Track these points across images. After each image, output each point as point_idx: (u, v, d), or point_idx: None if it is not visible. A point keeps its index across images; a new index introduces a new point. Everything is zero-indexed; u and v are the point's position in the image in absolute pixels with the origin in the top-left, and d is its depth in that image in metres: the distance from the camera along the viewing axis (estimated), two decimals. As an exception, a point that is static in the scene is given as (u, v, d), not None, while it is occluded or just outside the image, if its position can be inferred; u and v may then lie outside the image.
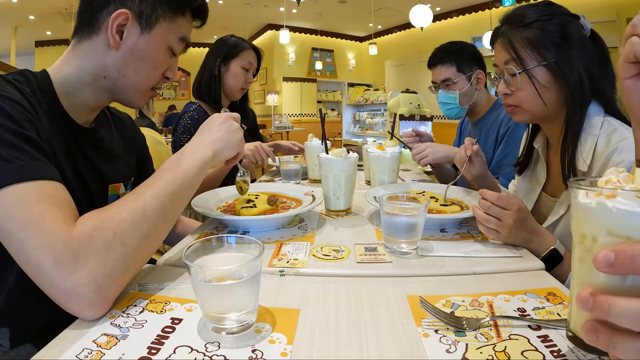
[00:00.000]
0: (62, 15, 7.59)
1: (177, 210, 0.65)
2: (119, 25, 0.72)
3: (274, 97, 8.96)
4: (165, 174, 0.65)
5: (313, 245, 0.78)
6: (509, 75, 0.92)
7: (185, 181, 0.66)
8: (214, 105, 1.70)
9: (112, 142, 0.90)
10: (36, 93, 0.69)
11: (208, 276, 0.47)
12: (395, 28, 9.12)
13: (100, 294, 0.51)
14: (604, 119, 0.84)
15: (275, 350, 0.45)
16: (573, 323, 0.39)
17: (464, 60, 1.65)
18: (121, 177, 0.90)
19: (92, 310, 0.51)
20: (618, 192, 0.33)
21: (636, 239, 0.32)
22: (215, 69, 1.67)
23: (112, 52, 0.73)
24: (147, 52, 0.75)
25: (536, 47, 0.87)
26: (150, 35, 0.74)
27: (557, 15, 0.88)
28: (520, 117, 0.95)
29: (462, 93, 1.65)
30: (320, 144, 1.35)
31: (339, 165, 0.96)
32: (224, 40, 1.72)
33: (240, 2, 7.50)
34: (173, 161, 0.69)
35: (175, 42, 0.78)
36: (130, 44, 0.73)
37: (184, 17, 0.78)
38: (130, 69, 0.75)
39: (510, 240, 0.75)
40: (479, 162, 1.08)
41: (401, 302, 0.55)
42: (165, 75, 0.82)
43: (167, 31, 0.76)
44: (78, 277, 0.50)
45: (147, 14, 0.73)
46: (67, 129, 0.75)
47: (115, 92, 0.79)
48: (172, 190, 0.63)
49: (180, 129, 1.62)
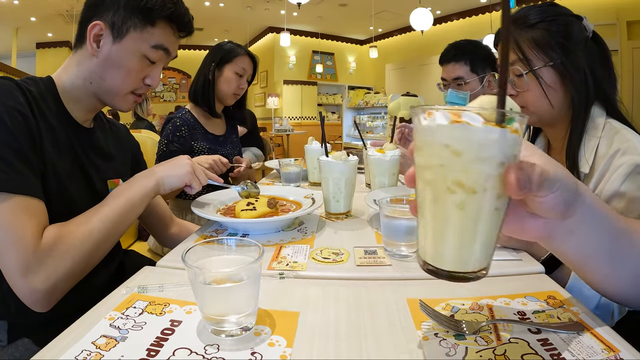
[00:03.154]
0: (63, 17, 7.61)
1: (119, 232, 0.78)
2: (95, 35, 0.80)
3: (275, 100, 8.97)
4: (111, 201, 0.77)
5: (313, 248, 0.78)
6: (515, 76, 0.91)
7: (127, 207, 0.77)
8: (207, 109, 1.69)
9: (107, 143, 0.96)
10: (43, 94, 0.78)
11: (208, 278, 0.47)
12: (396, 31, 9.14)
13: (49, 295, 0.65)
14: (606, 120, 0.84)
15: (274, 353, 0.44)
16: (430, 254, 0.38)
17: (478, 61, 1.59)
18: (118, 173, 0.96)
19: (42, 308, 0.66)
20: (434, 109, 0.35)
21: None
22: (209, 73, 1.67)
23: (94, 60, 0.82)
24: (120, 59, 0.82)
25: (542, 48, 0.87)
26: (121, 44, 0.81)
27: (561, 15, 0.88)
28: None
29: (473, 94, 1.58)
30: (320, 147, 1.35)
31: (339, 168, 0.96)
32: (220, 45, 1.72)
33: (241, 5, 7.52)
34: (121, 188, 0.81)
35: (148, 50, 0.83)
36: (105, 52, 0.81)
37: (154, 27, 0.83)
38: (108, 74, 0.83)
39: (510, 244, 0.75)
40: None
41: (401, 305, 0.55)
42: (145, 82, 0.87)
43: (138, 40, 0.82)
44: (37, 280, 0.63)
45: (118, 25, 0.80)
46: (70, 127, 0.83)
47: (101, 96, 0.86)
48: (115, 215, 0.75)
49: (163, 134, 1.63)
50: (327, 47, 9.82)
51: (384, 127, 5.98)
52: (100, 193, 0.87)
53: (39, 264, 0.64)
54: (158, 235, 1.14)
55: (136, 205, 0.79)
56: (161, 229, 1.13)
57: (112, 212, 0.75)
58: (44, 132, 0.73)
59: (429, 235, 0.38)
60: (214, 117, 1.74)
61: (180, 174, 0.85)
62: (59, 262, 0.66)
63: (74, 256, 0.67)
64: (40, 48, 9.37)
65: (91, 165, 0.87)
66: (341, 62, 10.15)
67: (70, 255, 0.67)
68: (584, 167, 0.83)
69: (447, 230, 0.36)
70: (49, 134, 0.75)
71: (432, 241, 0.38)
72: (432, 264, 0.38)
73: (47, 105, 0.78)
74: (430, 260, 0.38)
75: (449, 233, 0.36)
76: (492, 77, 1.61)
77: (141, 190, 0.80)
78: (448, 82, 1.66)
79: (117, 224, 0.75)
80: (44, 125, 0.74)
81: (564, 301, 0.56)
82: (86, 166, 0.86)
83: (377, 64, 9.32)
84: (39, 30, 8.43)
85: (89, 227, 0.71)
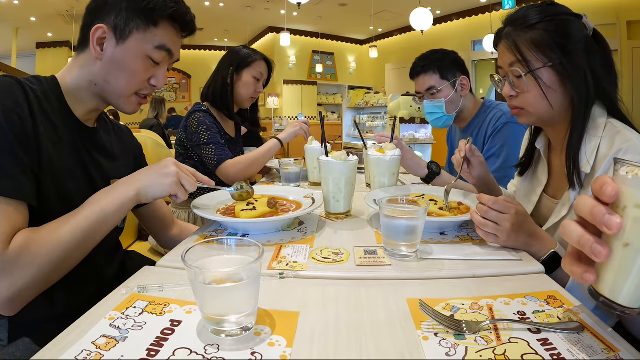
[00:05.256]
0: (63, 17, 7.62)
1: (92, 241, 0.73)
2: (99, 38, 0.80)
3: (275, 100, 8.97)
4: (86, 209, 0.72)
5: (313, 248, 0.78)
6: (514, 77, 0.91)
7: (101, 217, 0.72)
8: (226, 112, 1.74)
9: (111, 144, 0.96)
10: (47, 93, 0.78)
11: (208, 278, 0.47)
12: (396, 31, 9.15)
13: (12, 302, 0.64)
14: (607, 120, 0.84)
15: (274, 352, 0.45)
16: None
17: (446, 68, 1.63)
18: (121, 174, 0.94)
19: (6, 313, 0.65)
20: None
21: None
22: (228, 77, 1.71)
23: (98, 63, 0.82)
24: (124, 61, 0.82)
25: (541, 48, 0.86)
26: (124, 46, 0.81)
27: (560, 15, 0.87)
28: (527, 119, 0.94)
29: (448, 100, 1.63)
30: (320, 147, 1.35)
31: (338, 168, 0.96)
32: (237, 50, 1.77)
33: (241, 5, 7.52)
34: (99, 195, 0.75)
35: (151, 51, 0.83)
36: (109, 55, 0.81)
37: (157, 27, 0.83)
38: (112, 77, 0.83)
39: (510, 244, 0.75)
40: (476, 163, 1.05)
41: (401, 305, 0.55)
42: (150, 83, 0.87)
43: (141, 41, 0.82)
44: (1, 287, 0.63)
45: (120, 27, 0.80)
46: (73, 125, 0.83)
47: (105, 98, 0.86)
48: (87, 225, 0.70)
49: (195, 123, 1.60)
50: (327, 47, 9.82)
51: (384, 127, 5.97)
52: None
53: (2, 270, 0.63)
54: (158, 236, 1.14)
55: (112, 216, 0.74)
56: (162, 230, 1.12)
57: (85, 220, 0.70)
58: (44, 131, 0.73)
59: (618, 272, 0.40)
60: (230, 119, 1.80)
61: (164, 183, 0.78)
62: (24, 270, 0.64)
63: (40, 264, 0.65)
64: (40, 48, 9.38)
65: (94, 164, 0.87)
66: (341, 62, 10.15)
67: (36, 263, 0.65)
68: (586, 167, 0.82)
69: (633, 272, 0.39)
70: (50, 133, 0.75)
71: (615, 277, 0.41)
72: (609, 297, 0.41)
73: (50, 104, 0.78)
74: (607, 294, 0.42)
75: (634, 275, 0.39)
76: (464, 79, 1.64)
77: (118, 200, 0.75)
78: (422, 94, 1.70)
79: (89, 234, 0.71)
80: (45, 125, 0.74)
81: (564, 301, 0.56)
82: (89, 165, 0.86)
83: (377, 64, 9.31)
84: (39, 30, 8.43)
85: (59, 236, 0.67)
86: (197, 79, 10.22)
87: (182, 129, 1.68)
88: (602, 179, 0.40)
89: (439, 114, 1.66)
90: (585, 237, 0.40)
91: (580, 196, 0.42)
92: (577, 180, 0.83)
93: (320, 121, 1.12)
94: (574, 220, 0.43)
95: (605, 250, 0.39)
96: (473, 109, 1.69)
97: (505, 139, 1.51)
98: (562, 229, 0.43)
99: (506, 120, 1.52)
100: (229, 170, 1.54)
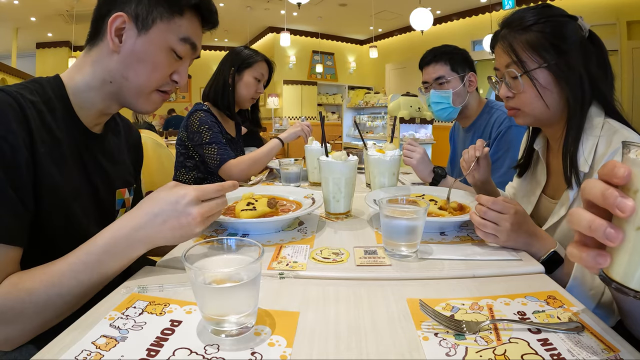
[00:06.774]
0: (63, 17, 7.61)
1: (82, 301, 0.63)
2: (117, 29, 0.73)
3: (275, 100, 8.97)
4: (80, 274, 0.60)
5: (312, 248, 0.78)
6: (510, 78, 0.92)
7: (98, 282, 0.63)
8: (227, 112, 1.75)
9: (118, 148, 0.92)
10: (50, 101, 0.72)
11: (208, 278, 0.47)
12: (396, 31, 9.14)
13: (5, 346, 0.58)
14: (604, 120, 0.85)
15: (274, 352, 0.45)
16: None
17: (457, 61, 1.64)
18: (125, 183, 0.92)
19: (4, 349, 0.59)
20: None
21: None
22: (229, 77, 1.72)
23: (115, 56, 0.75)
24: (146, 53, 0.76)
25: (536, 50, 0.87)
26: (147, 37, 0.75)
27: (555, 16, 0.88)
28: (523, 119, 0.95)
29: (455, 93, 1.63)
30: (320, 147, 1.35)
31: (338, 168, 0.96)
32: (238, 51, 1.78)
33: (241, 5, 7.52)
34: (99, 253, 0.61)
35: (176, 43, 0.78)
36: (129, 47, 0.75)
37: (182, 17, 0.78)
38: (132, 71, 0.76)
39: (509, 244, 0.75)
40: (484, 166, 1.08)
41: (401, 305, 0.55)
42: (173, 78, 0.82)
43: (165, 32, 0.76)
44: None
45: (142, 16, 0.74)
46: (78, 133, 0.77)
47: (121, 97, 0.80)
48: (79, 291, 0.61)
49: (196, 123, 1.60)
50: (327, 47, 9.82)
51: (384, 127, 5.97)
52: (106, 208, 0.84)
53: None
54: None
55: (108, 280, 0.64)
56: None
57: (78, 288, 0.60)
58: (44, 152, 0.66)
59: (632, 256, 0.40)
60: (231, 119, 1.81)
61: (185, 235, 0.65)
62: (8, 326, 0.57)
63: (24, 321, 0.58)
64: (40, 48, 9.37)
65: (99, 172, 0.82)
66: (341, 62, 10.15)
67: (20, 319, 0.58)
68: (584, 166, 0.83)
69: None
70: (52, 152, 0.68)
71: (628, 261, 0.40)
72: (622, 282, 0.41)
73: (54, 115, 0.71)
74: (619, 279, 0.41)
75: None
76: (472, 76, 1.65)
77: (124, 262, 0.64)
78: (429, 84, 1.70)
79: (80, 298, 0.62)
80: (46, 144, 0.67)
81: (564, 301, 0.56)
82: (93, 177, 0.80)
83: (377, 64, 9.31)
84: (39, 30, 8.42)
85: (45, 299, 0.58)
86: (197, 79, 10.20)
87: (183, 128, 1.68)
88: (611, 162, 0.39)
89: (444, 104, 1.65)
90: (597, 221, 0.39)
91: (589, 180, 0.41)
92: (575, 180, 0.83)
93: (320, 121, 1.12)
94: None
95: (619, 234, 0.38)
96: (477, 107, 1.69)
97: (509, 143, 1.52)
98: (569, 217, 0.42)
99: (510, 124, 1.53)
100: (232, 170, 1.56)
